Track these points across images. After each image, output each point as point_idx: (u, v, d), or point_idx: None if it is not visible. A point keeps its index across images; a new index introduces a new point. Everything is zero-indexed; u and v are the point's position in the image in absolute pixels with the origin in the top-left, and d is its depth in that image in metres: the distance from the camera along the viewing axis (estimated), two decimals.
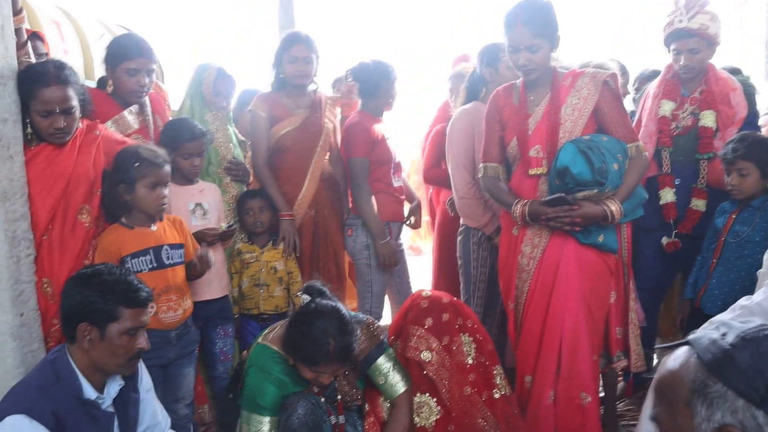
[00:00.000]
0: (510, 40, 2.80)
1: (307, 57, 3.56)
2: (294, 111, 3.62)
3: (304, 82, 3.63)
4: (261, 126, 3.58)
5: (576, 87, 2.84)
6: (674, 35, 3.31)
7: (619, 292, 3.01)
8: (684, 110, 3.40)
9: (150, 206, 2.64)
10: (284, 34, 3.81)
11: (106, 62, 2.98)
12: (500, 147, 3.01)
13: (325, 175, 3.70)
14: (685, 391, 1.26)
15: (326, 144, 3.68)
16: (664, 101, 3.43)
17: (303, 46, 3.55)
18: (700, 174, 3.37)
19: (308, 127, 3.62)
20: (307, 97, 3.68)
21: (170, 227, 2.77)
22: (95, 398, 2.11)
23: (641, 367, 3.08)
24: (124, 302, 2.07)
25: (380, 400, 2.74)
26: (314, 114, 3.66)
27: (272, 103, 3.61)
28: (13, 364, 2.41)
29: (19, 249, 2.42)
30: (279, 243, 3.47)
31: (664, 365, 1.34)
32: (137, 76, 2.92)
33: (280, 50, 3.58)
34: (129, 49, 2.93)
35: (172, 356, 2.73)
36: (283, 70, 3.58)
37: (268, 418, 2.48)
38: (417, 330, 2.76)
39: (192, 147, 3.08)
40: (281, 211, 3.49)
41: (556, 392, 2.87)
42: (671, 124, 3.40)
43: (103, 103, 2.95)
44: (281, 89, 3.65)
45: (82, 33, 4.02)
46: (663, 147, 3.41)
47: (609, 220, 2.73)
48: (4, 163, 2.37)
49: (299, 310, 2.51)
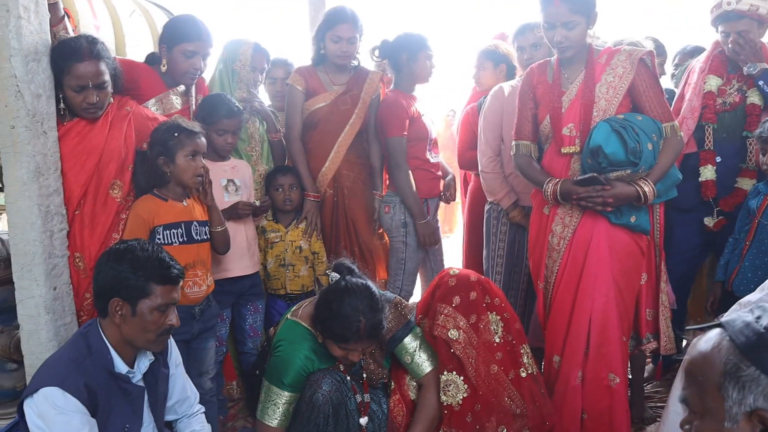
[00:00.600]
0: (546, 16, 2.74)
1: (351, 37, 3.50)
2: (329, 87, 3.58)
3: (346, 62, 3.58)
4: (296, 100, 3.56)
5: (611, 65, 2.78)
6: (722, 17, 3.21)
7: (650, 274, 2.97)
8: (732, 86, 3.31)
9: (189, 176, 2.67)
10: (330, 9, 3.67)
11: (162, 41, 3.00)
12: (533, 125, 2.97)
13: (353, 154, 3.64)
14: (717, 374, 1.25)
15: (357, 123, 3.61)
16: (710, 76, 3.33)
17: (348, 25, 3.47)
18: (748, 152, 3.28)
19: (339, 105, 3.57)
20: (346, 73, 3.63)
21: (198, 204, 2.80)
22: (126, 372, 2.14)
23: (671, 350, 3.04)
24: (155, 279, 2.09)
25: (406, 379, 2.75)
26: (350, 92, 3.59)
27: (309, 77, 3.57)
28: (46, 337, 2.46)
29: (53, 223, 2.46)
30: (301, 221, 3.47)
31: (695, 347, 1.33)
32: (193, 59, 2.95)
33: (324, 27, 3.51)
34: (189, 32, 2.96)
35: (196, 331, 2.77)
36: (326, 47, 3.52)
37: (288, 393, 2.51)
38: (444, 308, 2.75)
39: (228, 124, 3.08)
40: (307, 190, 3.51)
41: (584, 373, 2.86)
42: (717, 100, 3.32)
43: (151, 79, 2.98)
44: (320, 64, 3.61)
45: (114, 9, 4.03)
46: (707, 123, 3.33)
47: (642, 200, 2.68)
48: (38, 139, 2.40)
49: (329, 288, 2.52)
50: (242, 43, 3.42)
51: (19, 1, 2.31)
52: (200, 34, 2.97)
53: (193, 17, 3.06)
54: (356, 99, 3.61)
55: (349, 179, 3.64)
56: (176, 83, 3.04)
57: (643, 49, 2.81)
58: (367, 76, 3.65)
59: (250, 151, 3.45)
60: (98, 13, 3.90)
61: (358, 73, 3.65)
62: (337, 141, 3.58)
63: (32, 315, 2.45)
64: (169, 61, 2.97)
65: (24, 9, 2.33)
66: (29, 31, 2.36)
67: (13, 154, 2.38)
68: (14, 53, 2.32)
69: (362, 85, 3.63)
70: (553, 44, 2.79)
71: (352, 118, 3.59)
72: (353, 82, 3.62)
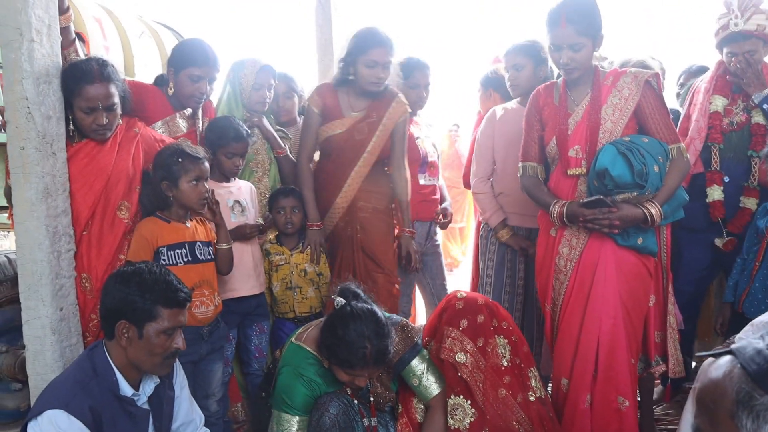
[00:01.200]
0: (552, 38, 2.76)
1: (386, 62, 3.29)
2: (346, 112, 3.41)
3: (380, 89, 3.36)
4: (311, 122, 3.44)
5: (617, 86, 2.79)
6: (729, 38, 3.21)
7: (658, 296, 2.95)
8: (737, 106, 3.31)
9: (193, 201, 2.67)
10: (362, 31, 3.36)
11: (170, 64, 3.02)
12: (539, 146, 2.98)
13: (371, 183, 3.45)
14: (729, 402, 1.23)
15: (375, 152, 3.41)
16: (715, 96, 3.34)
17: (384, 49, 3.27)
18: (752, 172, 3.28)
19: (355, 134, 3.40)
20: (369, 98, 3.41)
21: (200, 225, 2.81)
22: (131, 395, 2.14)
23: (680, 373, 3.01)
24: (162, 302, 2.09)
25: (413, 402, 2.73)
26: (367, 119, 3.40)
27: (327, 98, 3.42)
28: (52, 358, 2.46)
29: (60, 244, 2.47)
30: (305, 248, 3.40)
31: (706, 374, 1.31)
32: (199, 83, 2.96)
33: (356, 50, 3.29)
34: (196, 56, 2.97)
35: (204, 352, 2.76)
36: (356, 72, 3.31)
37: (297, 417, 2.49)
38: (452, 331, 2.74)
39: (236, 147, 3.08)
40: (309, 219, 3.40)
41: (592, 396, 2.83)
42: (723, 120, 3.32)
43: (158, 101, 2.99)
44: (342, 86, 3.43)
45: (123, 30, 4.09)
46: (713, 143, 3.33)
47: (649, 222, 2.68)
48: (48, 160, 2.41)
49: (334, 313, 2.51)
50: (247, 62, 3.38)
51: (32, 25, 2.34)
52: (207, 59, 2.99)
53: (201, 42, 3.08)
54: (374, 126, 3.40)
55: (365, 210, 3.46)
56: (183, 106, 3.05)
57: (648, 71, 2.82)
58: (392, 100, 3.43)
59: (254, 166, 3.43)
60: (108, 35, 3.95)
61: (381, 97, 3.42)
62: (351, 173, 3.41)
63: (38, 335, 2.45)
64: (176, 84, 2.99)
65: (37, 33, 2.36)
66: (41, 54, 2.39)
67: (22, 175, 2.39)
68: (26, 76, 2.35)
69: (384, 111, 3.41)
70: (559, 66, 2.81)
71: (368, 147, 3.40)
72: (374, 108, 3.41)
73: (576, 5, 2.71)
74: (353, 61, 3.30)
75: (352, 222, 3.43)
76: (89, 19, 3.75)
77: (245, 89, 3.35)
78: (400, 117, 3.44)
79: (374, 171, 3.46)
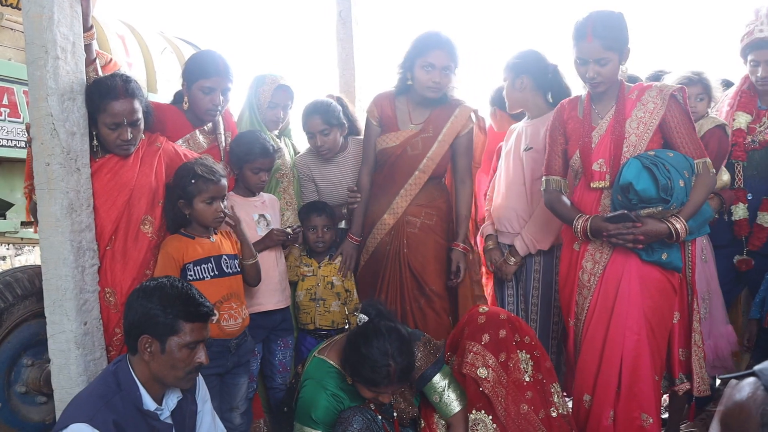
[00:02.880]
0: (579, 52, 2.74)
1: (446, 66, 3.11)
2: (403, 125, 3.27)
3: (437, 95, 3.17)
4: (370, 133, 3.34)
5: (642, 100, 2.77)
6: (753, 45, 3.21)
7: (683, 313, 2.93)
8: (761, 124, 3.28)
9: (208, 219, 2.68)
10: (421, 34, 3.20)
11: (183, 78, 2.99)
12: (563, 160, 2.96)
13: (424, 197, 3.29)
14: (754, 425, 1.21)
15: (428, 168, 3.24)
16: (739, 113, 3.33)
17: (443, 51, 3.10)
18: None
19: (408, 149, 3.24)
20: (430, 108, 3.25)
21: (225, 239, 2.81)
22: (154, 409, 2.14)
23: (705, 392, 2.98)
24: (184, 316, 2.09)
25: (435, 417, 2.73)
26: (423, 132, 3.24)
27: (385, 108, 3.29)
28: (76, 372, 2.47)
29: (84, 259, 2.48)
30: (336, 257, 3.37)
31: (730, 397, 1.29)
32: (212, 95, 2.92)
33: (414, 53, 3.14)
34: (206, 67, 2.93)
35: (230, 365, 2.76)
36: (414, 76, 3.15)
37: (320, 431, 2.48)
38: (473, 346, 2.73)
39: (264, 163, 3.06)
40: (351, 231, 3.35)
41: (615, 413, 2.80)
42: (746, 138, 3.29)
43: (177, 119, 2.99)
44: (402, 94, 3.28)
45: (146, 47, 4.14)
46: (736, 161, 3.30)
47: (674, 238, 2.65)
48: (72, 176, 2.44)
49: (357, 330, 2.51)
50: (267, 78, 3.36)
51: (57, 42, 2.37)
52: (218, 69, 2.93)
53: (211, 52, 3.04)
54: (429, 142, 3.24)
55: (413, 225, 3.28)
56: (201, 121, 3.04)
57: (673, 86, 2.80)
58: (453, 112, 3.25)
59: (280, 177, 3.37)
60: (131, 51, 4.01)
61: (442, 109, 3.25)
62: (401, 191, 3.27)
63: (63, 350, 2.47)
64: (190, 98, 2.96)
65: (62, 50, 2.40)
66: (66, 71, 2.42)
67: (47, 191, 2.42)
68: (51, 92, 2.38)
69: (443, 124, 3.24)
70: (585, 80, 2.79)
71: (420, 165, 3.24)
72: (431, 120, 3.24)
73: (603, 19, 2.70)
74: (411, 64, 3.15)
75: (398, 237, 3.29)
76: (112, 36, 3.81)
77: (262, 105, 3.34)
78: (463, 129, 3.26)
79: (428, 185, 3.30)
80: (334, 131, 3.38)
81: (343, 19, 4.71)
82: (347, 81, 4.72)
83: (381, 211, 3.31)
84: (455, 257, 3.30)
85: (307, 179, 3.50)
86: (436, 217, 3.31)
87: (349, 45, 4.73)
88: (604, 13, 2.72)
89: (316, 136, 3.34)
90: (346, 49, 4.73)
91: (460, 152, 3.30)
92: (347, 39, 4.72)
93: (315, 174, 3.48)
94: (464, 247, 3.32)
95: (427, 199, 3.29)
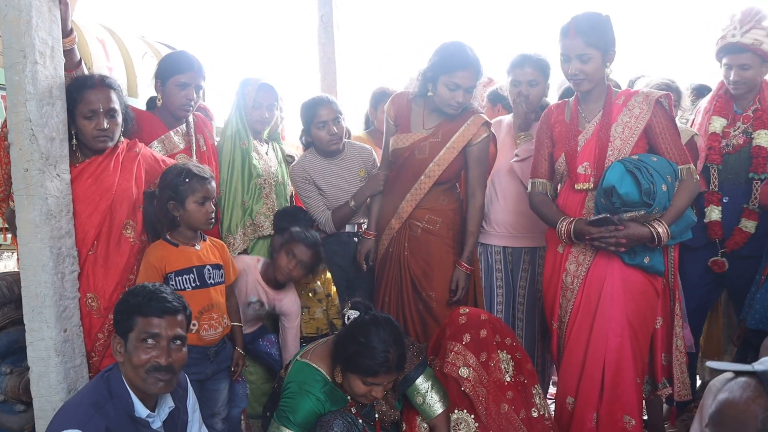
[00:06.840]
0: (562, 48, 2.78)
1: (470, 87, 3.05)
2: (415, 128, 3.21)
3: (455, 113, 3.12)
4: (386, 132, 3.34)
5: (628, 106, 2.79)
6: (726, 49, 3.25)
7: (666, 318, 2.93)
8: (736, 128, 3.33)
9: (200, 221, 2.67)
10: (447, 46, 3.10)
11: (157, 77, 3.06)
12: (549, 163, 2.98)
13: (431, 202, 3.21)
14: (753, 428, 1.21)
15: (434, 174, 3.15)
16: (714, 117, 3.37)
17: (470, 72, 3.02)
18: (752, 194, 3.29)
19: (416, 153, 3.18)
20: (442, 115, 3.17)
21: (212, 248, 2.80)
22: (146, 416, 2.13)
23: (686, 396, 2.98)
24: (138, 311, 2.10)
25: (417, 420, 2.74)
26: (431, 138, 3.16)
27: (400, 108, 3.25)
28: (56, 380, 2.44)
29: (64, 265, 2.46)
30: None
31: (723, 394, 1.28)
32: (186, 90, 3.00)
33: (439, 68, 3.03)
34: (180, 64, 3.02)
35: (210, 372, 2.76)
36: (436, 90, 3.07)
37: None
38: (455, 346, 2.75)
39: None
40: (367, 229, 3.36)
41: (599, 414, 2.81)
42: (721, 142, 3.33)
43: (151, 123, 3.02)
44: (421, 98, 3.21)
45: (126, 51, 4.11)
46: (712, 164, 3.34)
47: (656, 242, 2.67)
48: (52, 182, 2.41)
49: (354, 322, 2.53)
50: (251, 80, 3.37)
51: (36, 47, 2.35)
52: (192, 65, 3.03)
53: (184, 51, 3.16)
54: (437, 147, 3.15)
55: (415, 230, 3.22)
56: (175, 121, 3.07)
57: (659, 92, 2.82)
58: (466, 120, 3.15)
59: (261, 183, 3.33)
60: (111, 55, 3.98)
61: (457, 115, 3.16)
62: (407, 195, 3.22)
63: (42, 357, 2.44)
64: (164, 95, 3.03)
65: (40, 55, 2.37)
66: (44, 75, 2.39)
67: (26, 197, 2.39)
68: (29, 97, 2.35)
69: (454, 131, 3.15)
70: (568, 77, 2.82)
71: (426, 169, 3.16)
72: (443, 126, 3.16)
73: (586, 18, 2.74)
74: (434, 77, 3.06)
75: (400, 241, 3.24)
76: (92, 40, 3.77)
77: (247, 107, 3.33)
78: (475, 138, 3.15)
79: (436, 190, 3.21)
80: (342, 120, 3.41)
81: (325, 24, 4.73)
82: (329, 84, 4.73)
83: (389, 215, 3.26)
84: (455, 276, 3.19)
85: (307, 182, 3.44)
86: (441, 222, 3.22)
87: (330, 48, 4.74)
88: (589, 13, 2.76)
89: (329, 124, 3.33)
90: (327, 53, 4.74)
91: (471, 162, 3.20)
92: (329, 42, 4.74)
93: (316, 178, 3.44)
94: (468, 268, 3.20)
95: (433, 203, 3.21)
